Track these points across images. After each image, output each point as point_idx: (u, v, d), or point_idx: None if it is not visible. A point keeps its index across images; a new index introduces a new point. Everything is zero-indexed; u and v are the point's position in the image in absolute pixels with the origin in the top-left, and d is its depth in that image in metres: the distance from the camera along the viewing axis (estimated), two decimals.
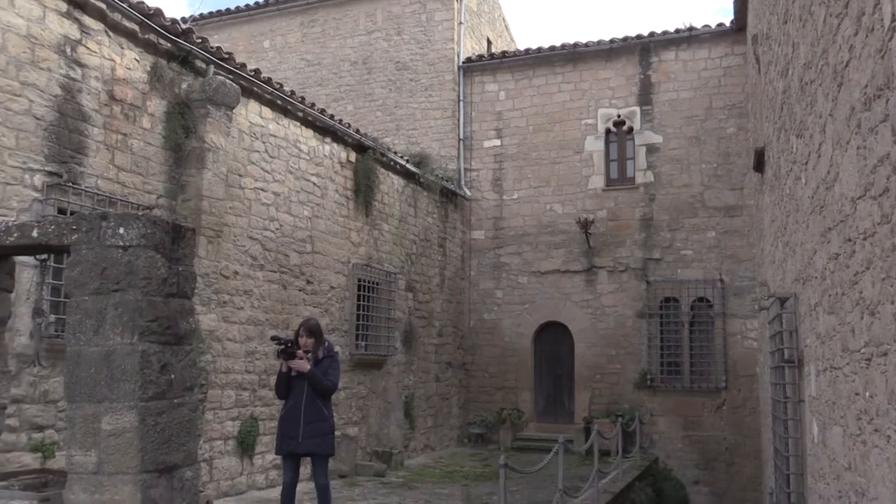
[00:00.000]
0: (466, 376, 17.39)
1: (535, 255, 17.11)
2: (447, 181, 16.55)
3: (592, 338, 16.47)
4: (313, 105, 12.21)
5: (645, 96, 16.68)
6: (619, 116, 16.83)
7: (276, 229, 11.13)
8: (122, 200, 8.44)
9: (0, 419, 5.18)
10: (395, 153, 14.65)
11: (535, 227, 17.18)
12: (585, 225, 16.32)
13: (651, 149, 16.50)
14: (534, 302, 17.04)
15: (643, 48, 16.76)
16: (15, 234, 4.72)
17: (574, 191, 16.97)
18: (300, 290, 11.60)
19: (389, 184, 14.40)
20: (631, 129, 16.74)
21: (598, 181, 16.89)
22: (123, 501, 4.18)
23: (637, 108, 16.70)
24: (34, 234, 4.64)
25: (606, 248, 16.57)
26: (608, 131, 16.95)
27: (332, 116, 12.65)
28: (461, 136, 17.80)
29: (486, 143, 17.83)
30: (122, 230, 4.36)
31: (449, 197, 16.84)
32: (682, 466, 15.41)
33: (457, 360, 17.04)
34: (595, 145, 16.98)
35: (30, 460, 7.28)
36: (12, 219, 7.03)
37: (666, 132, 16.41)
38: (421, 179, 15.36)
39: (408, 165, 14.86)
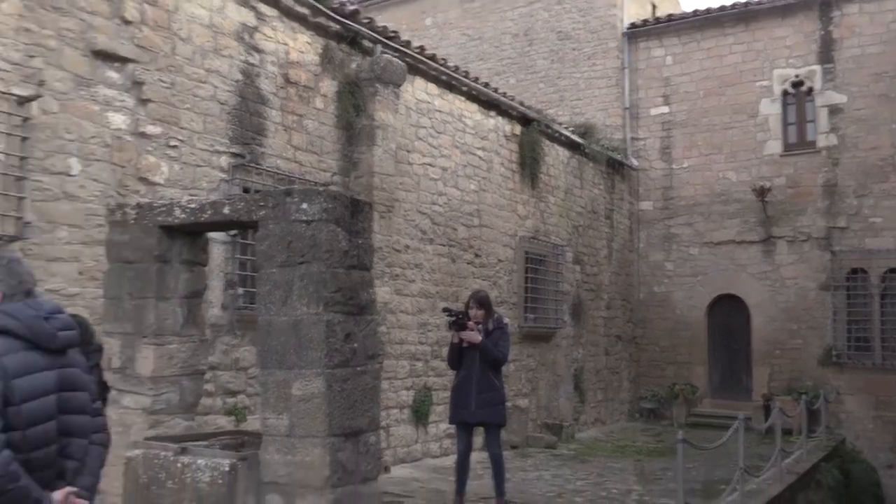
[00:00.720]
0: (636, 350, 17.05)
1: (707, 225, 16.45)
2: (613, 151, 16.18)
3: (771, 311, 15.68)
4: (477, 79, 12.25)
5: (826, 54, 15.57)
6: (796, 77, 15.81)
7: (444, 203, 11.29)
8: (299, 179, 8.81)
9: (199, 384, 5.55)
10: (560, 124, 14.47)
11: (706, 196, 16.51)
12: (762, 193, 15.50)
13: (834, 110, 15.40)
14: (706, 274, 16.42)
15: (823, 2, 15.61)
16: (209, 212, 5.02)
17: (748, 157, 16.15)
18: (469, 263, 11.74)
19: (554, 156, 14.26)
20: (811, 90, 15.69)
21: (774, 146, 15.98)
22: (313, 463, 4.38)
23: (817, 67, 15.61)
24: (226, 210, 4.92)
25: (785, 216, 15.68)
26: (785, 93, 15.97)
27: (496, 90, 12.65)
28: (626, 105, 17.32)
29: (653, 111, 17.26)
30: (305, 205, 4.53)
31: (615, 167, 16.47)
32: (873, 449, 14.44)
33: (626, 334, 16.73)
34: (771, 108, 16.05)
35: (224, 422, 7.79)
36: (203, 198, 7.49)
37: (850, 91, 15.26)
38: (586, 150, 15.10)
39: (573, 136, 14.64)
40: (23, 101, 6.55)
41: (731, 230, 16.18)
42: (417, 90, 10.93)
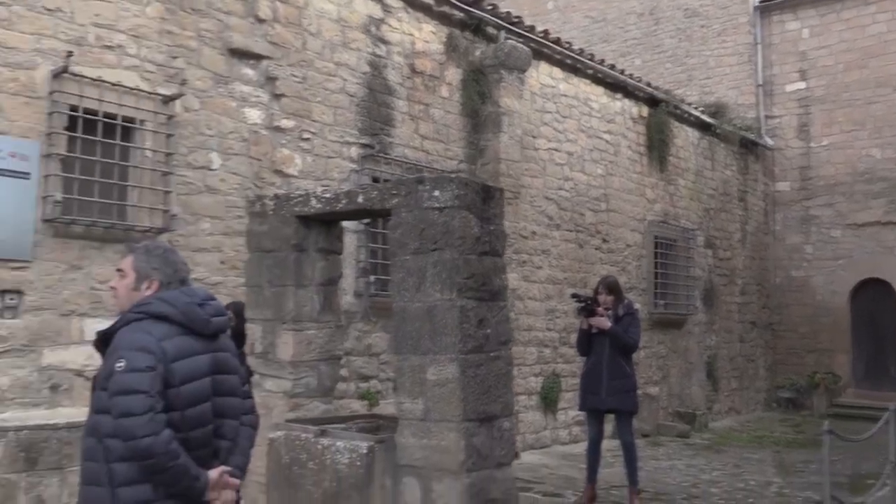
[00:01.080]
0: (773, 337, 16.38)
1: (849, 206, 15.59)
2: (746, 131, 15.55)
3: None
4: (602, 61, 12.03)
5: None
6: None
7: (571, 188, 11.17)
8: (426, 167, 8.91)
9: (336, 369, 5.72)
10: (689, 105, 14.03)
11: (848, 175, 15.63)
12: None
13: None
14: (850, 257, 15.57)
15: None
16: (343, 201, 5.15)
17: (894, 133, 15.17)
18: (596, 249, 11.58)
19: (684, 137, 13.85)
20: None
21: None
22: (448, 447, 4.44)
23: None
24: (360, 199, 5.04)
25: None
26: None
27: (621, 72, 12.38)
28: (760, 82, 16.58)
29: (789, 87, 16.46)
30: (437, 192, 4.58)
31: (748, 147, 15.83)
32: None
33: (762, 320, 16.10)
34: None
35: (358, 406, 8.00)
36: (337, 188, 7.69)
37: None
38: (717, 131, 14.58)
39: (703, 117, 14.17)
40: (167, 99, 6.90)
41: (877, 210, 15.27)
42: (542, 75, 10.83)
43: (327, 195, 5.27)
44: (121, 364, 2.76)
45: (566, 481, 8.35)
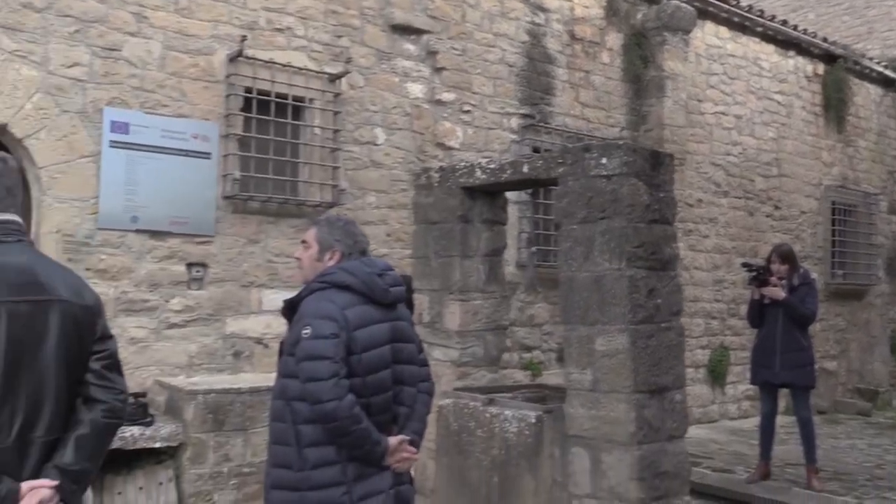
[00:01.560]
0: None
1: None
2: None
3: None
4: (773, 17, 11.35)
5: None
6: None
7: (739, 154, 10.67)
8: (587, 135, 8.75)
9: (501, 339, 5.75)
10: (870, 60, 13.02)
11: None
12: None
13: None
14: None
15: None
16: (508, 171, 5.14)
17: None
18: (767, 216, 11.02)
19: (864, 95, 12.88)
20: None
21: None
22: (618, 418, 4.38)
23: None
24: (525, 169, 5.02)
25: None
26: None
27: (794, 27, 11.65)
28: None
29: None
30: (604, 160, 4.49)
31: None
32: None
33: None
34: None
35: (521, 377, 8.04)
36: (502, 158, 7.71)
37: None
38: None
39: (886, 72, 13.12)
40: (334, 78, 7.12)
41: None
42: (707, 35, 10.37)
43: (492, 166, 5.28)
44: (307, 331, 2.89)
45: (736, 457, 8.06)
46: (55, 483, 2.22)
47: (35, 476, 2.22)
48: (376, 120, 7.47)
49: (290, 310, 3.08)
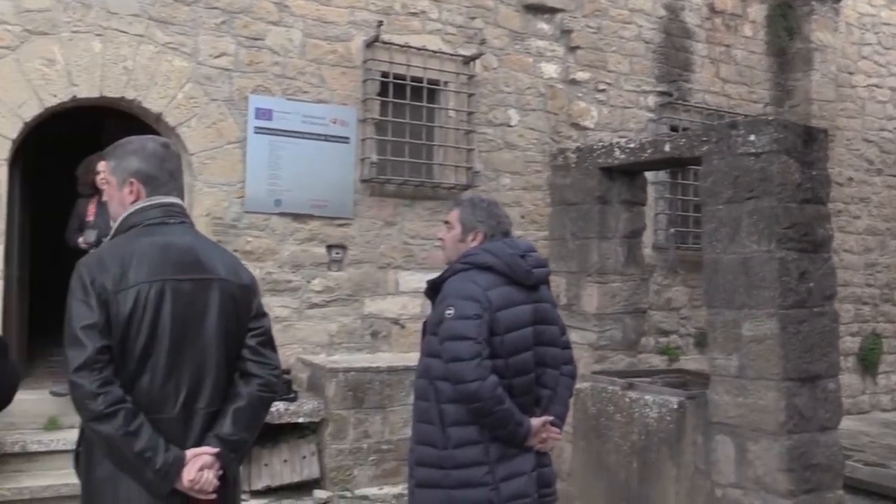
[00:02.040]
0: None
1: None
2: None
3: None
4: None
5: None
6: None
7: (894, 129, 9.99)
8: (728, 113, 8.41)
9: (640, 322, 5.63)
10: None
11: None
12: None
13: None
14: None
15: None
16: (648, 151, 5.00)
17: None
18: None
19: None
20: None
21: None
22: (767, 406, 4.19)
23: None
24: (666, 148, 4.86)
25: None
26: None
27: None
28: None
29: None
30: (752, 137, 4.29)
31: None
32: None
33: None
34: None
35: (657, 361, 7.85)
36: (643, 137, 7.53)
37: None
38: None
39: None
40: (467, 60, 7.13)
41: None
42: (859, 3, 9.75)
43: (631, 145, 5.15)
44: (450, 311, 2.90)
45: (890, 451, 7.60)
46: (216, 450, 2.33)
47: (198, 445, 2.33)
48: (510, 101, 7.43)
49: (434, 290, 3.11)
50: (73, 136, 6.73)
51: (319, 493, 5.67)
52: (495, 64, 7.36)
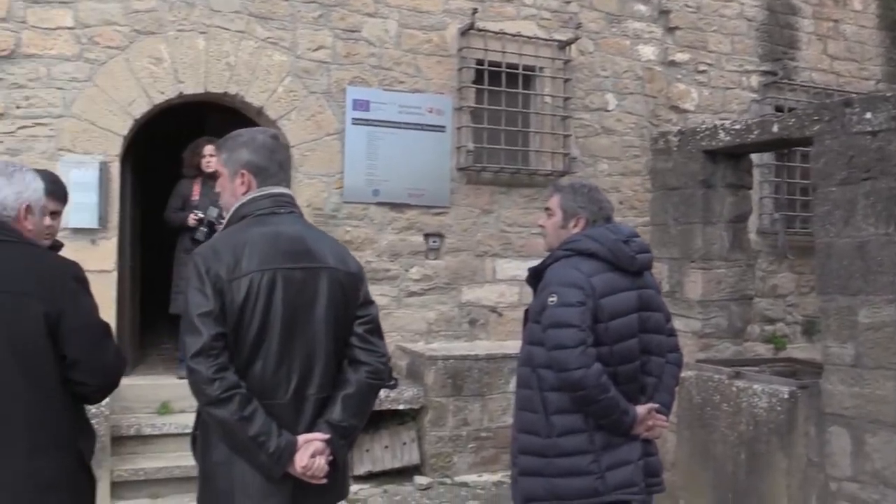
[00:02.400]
0: None
1: None
2: None
3: None
4: None
5: None
6: None
7: None
8: (837, 91, 8.04)
9: (747, 309, 5.45)
10: None
11: None
12: None
13: None
14: None
15: None
16: (755, 132, 4.83)
17: None
18: None
19: None
20: None
21: None
22: (885, 397, 4.00)
23: None
24: (774, 129, 4.68)
25: None
26: None
27: None
28: None
29: None
30: (868, 115, 4.08)
31: None
32: None
33: None
34: None
35: (762, 350, 7.59)
36: (749, 118, 7.29)
37: None
38: None
39: None
40: (563, 45, 7.04)
41: None
42: None
43: (737, 127, 4.98)
44: (553, 298, 2.87)
45: None
46: (326, 436, 2.38)
47: (309, 430, 2.38)
48: (607, 85, 7.30)
49: (535, 278, 3.08)
50: (180, 132, 6.96)
51: (420, 479, 5.73)
52: (591, 48, 7.24)
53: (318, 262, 2.46)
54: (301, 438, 2.35)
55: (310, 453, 2.34)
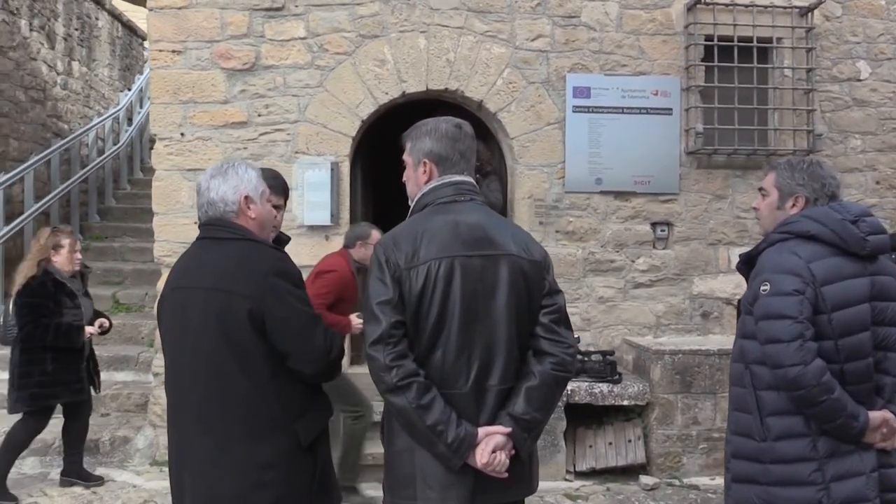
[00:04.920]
0: None
1: None
2: None
3: None
4: None
5: None
6: None
7: None
8: None
9: None
10: None
11: None
12: None
13: None
14: None
15: None
16: None
17: None
18: None
19: None
20: None
21: None
22: None
23: None
24: None
25: None
26: None
27: None
28: None
29: None
30: None
31: None
32: None
33: None
34: None
35: None
36: None
37: None
38: None
39: None
40: (804, 11, 6.42)
41: None
42: None
43: None
44: (765, 287, 2.59)
45: None
46: (508, 430, 2.30)
47: (490, 422, 2.32)
48: (858, 52, 6.57)
49: (748, 264, 2.80)
50: (403, 130, 7.17)
51: (646, 479, 5.48)
52: (838, 12, 6.54)
53: (499, 249, 2.39)
54: (482, 431, 2.29)
55: (490, 448, 2.27)
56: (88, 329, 5.17)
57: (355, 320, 4.62)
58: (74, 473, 5.33)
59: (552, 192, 6.29)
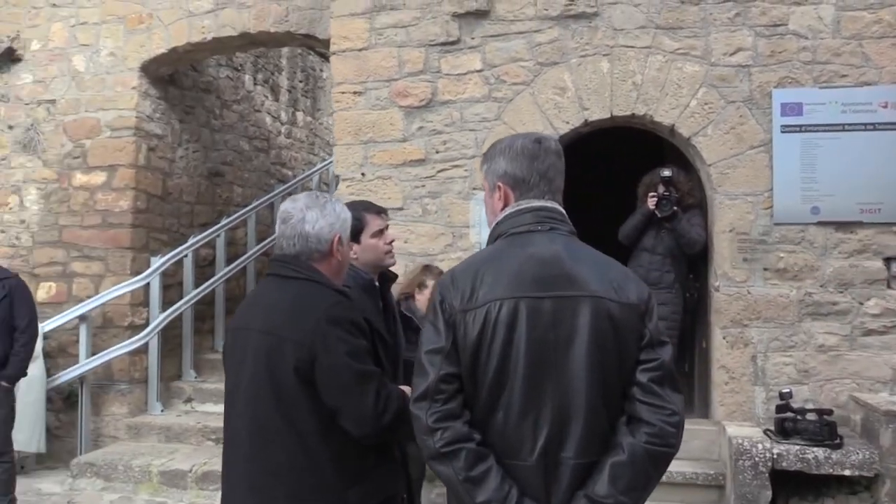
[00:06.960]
0: None
1: None
2: None
3: None
4: None
5: None
6: None
7: None
8: None
9: None
10: None
11: None
12: None
13: None
14: None
15: None
16: None
17: None
18: None
19: None
20: None
21: None
22: None
23: None
24: None
25: None
26: None
27: None
28: None
29: None
30: None
31: None
32: None
33: None
34: None
35: None
36: None
37: None
38: None
39: None
40: None
41: None
42: None
43: None
44: None
45: None
46: None
47: None
48: None
49: None
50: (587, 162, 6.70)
51: None
52: None
53: (579, 289, 1.94)
54: None
55: None
56: None
57: None
58: None
59: (758, 224, 5.52)
